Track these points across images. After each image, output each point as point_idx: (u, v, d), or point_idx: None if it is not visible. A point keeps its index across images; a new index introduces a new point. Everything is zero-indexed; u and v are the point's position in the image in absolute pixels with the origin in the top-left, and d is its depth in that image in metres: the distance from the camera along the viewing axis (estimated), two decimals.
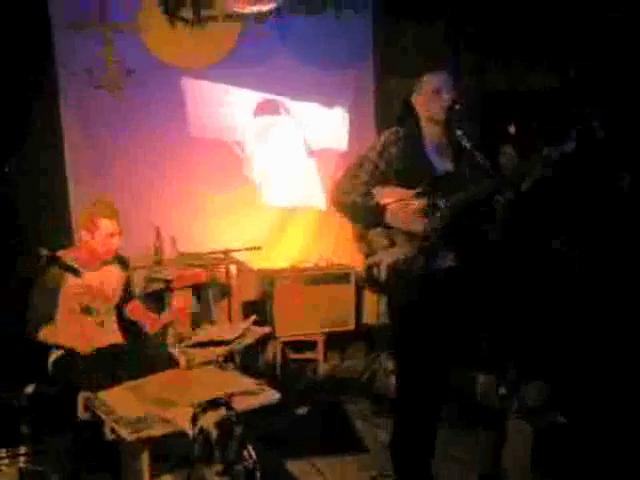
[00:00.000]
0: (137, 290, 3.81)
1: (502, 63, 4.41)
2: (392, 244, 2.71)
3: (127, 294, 3.46)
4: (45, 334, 3.08)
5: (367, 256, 2.78)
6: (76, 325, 3.14)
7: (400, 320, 2.83)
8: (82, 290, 3.16)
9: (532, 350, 3.40)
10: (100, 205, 3.27)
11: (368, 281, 2.81)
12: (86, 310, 3.21)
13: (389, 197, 2.68)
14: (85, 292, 3.18)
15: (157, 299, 4.10)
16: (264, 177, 4.99)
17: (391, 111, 4.61)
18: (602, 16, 3.82)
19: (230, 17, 4.71)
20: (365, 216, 2.76)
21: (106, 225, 3.22)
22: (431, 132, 2.78)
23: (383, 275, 2.70)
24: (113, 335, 3.30)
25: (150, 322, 3.41)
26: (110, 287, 3.33)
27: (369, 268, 2.77)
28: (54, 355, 3.13)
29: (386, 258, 2.69)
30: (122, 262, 3.45)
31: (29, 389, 3.07)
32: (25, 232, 4.11)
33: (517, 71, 4.34)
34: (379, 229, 2.72)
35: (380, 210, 2.68)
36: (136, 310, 3.48)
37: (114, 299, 3.35)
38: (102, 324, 3.27)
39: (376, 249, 2.74)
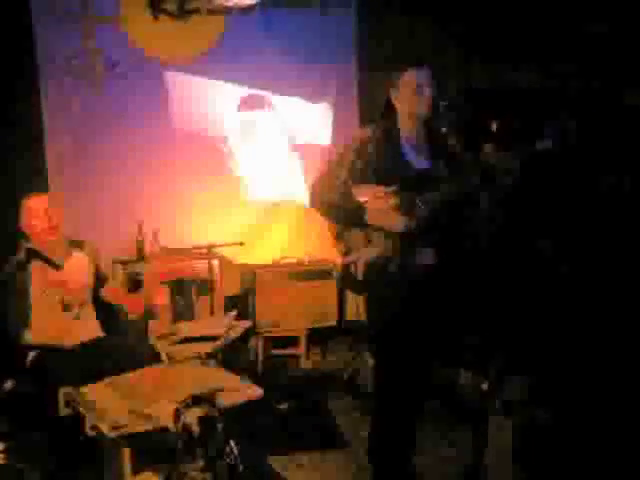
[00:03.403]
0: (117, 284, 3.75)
1: (486, 61, 4.42)
2: (369, 242, 2.69)
3: (99, 280, 3.38)
4: (27, 337, 3.04)
5: (344, 255, 2.77)
6: (56, 322, 3.10)
7: (378, 318, 2.81)
8: (51, 286, 3.11)
9: (514, 346, 3.42)
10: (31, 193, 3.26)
11: (345, 279, 2.80)
12: (63, 305, 3.15)
13: (366, 195, 2.66)
14: (55, 287, 3.12)
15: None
16: (248, 172, 4.98)
17: (375, 107, 4.61)
18: (588, 16, 3.85)
19: (214, 10, 4.69)
20: (344, 216, 2.73)
21: (34, 202, 3.19)
22: (409, 129, 2.73)
23: (360, 273, 2.68)
24: (92, 329, 3.25)
25: (130, 304, 3.37)
26: (79, 278, 3.25)
27: (346, 266, 2.75)
28: (33, 352, 3.09)
29: (363, 256, 2.68)
30: (79, 246, 3.35)
31: (8, 385, 3.04)
32: (2, 228, 4.05)
33: (501, 69, 4.35)
34: (356, 229, 2.71)
35: (359, 210, 2.65)
36: (113, 292, 3.37)
37: (85, 290, 3.28)
38: (78, 317, 3.21)
39: (353, 247, 2.73)
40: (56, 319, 3.12)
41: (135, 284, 3.35)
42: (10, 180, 4.16)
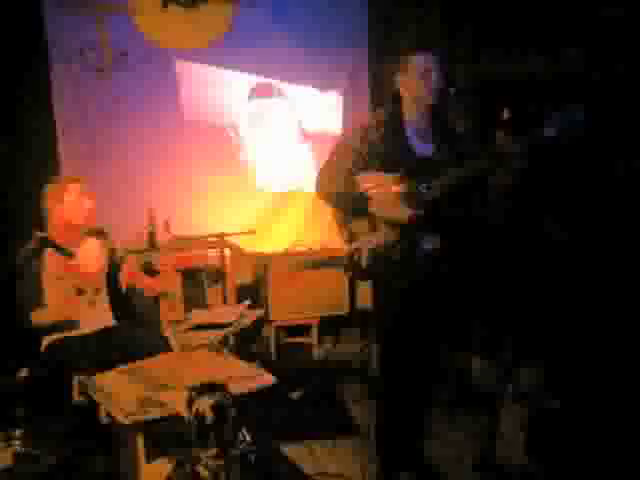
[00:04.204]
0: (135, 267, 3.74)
1: (497, 47, 4.38)
2: (374, 229, 2.67)
3: (114, 265, 3.35)
4: (36, 318, 3.00)
5: (349, 241, 2.76)
6: (70, 305, 3.08)
7: (384, 305, 2.80)
8: (66, 271, 3.10)
9: (527, 333, 3.40)
10: (59, 177, 3.21)
11: (350, 268, 2.79)
12: (76, 291, 3.11)
13: (370, 182, 2.63)
14: (69, 272, 3.08)
15: None
16: (258, 161, 4.98)
17: (386, 95, 4.60)
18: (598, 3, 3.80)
19: None
20: (349, 205, 2.71)
21: (74, 187, 3.15)
22: (413, 114, 2.70)
23: (364, 261, 2.67)
24: (105, 316, 3.26)
25: (147, 286, 3.38)
26: (94, 264, 3.19)
27: (351, 254, 2.74)
28: (47, 338, 3.11)
29: (368, 244, 2.67)
30: (101, 233, 3.30)
31: (23, 372, 3.06)
32: (15, 217, 4.07)
33: (513, 56, 4.31)
34: (362, 217, 2.69)
35: (364, 199, 2.63)
36: (131, 274, 3.36)
37: (100, 275, 3.25)
38: (93, 305, 3.21)
39: (358, 235, 2.71)
40: (70, 302, 3.10)
41: (148, 272, 3.37)
42: (25, 171, 4.19)
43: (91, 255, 3.20)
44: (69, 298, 3.04)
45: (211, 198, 4.78)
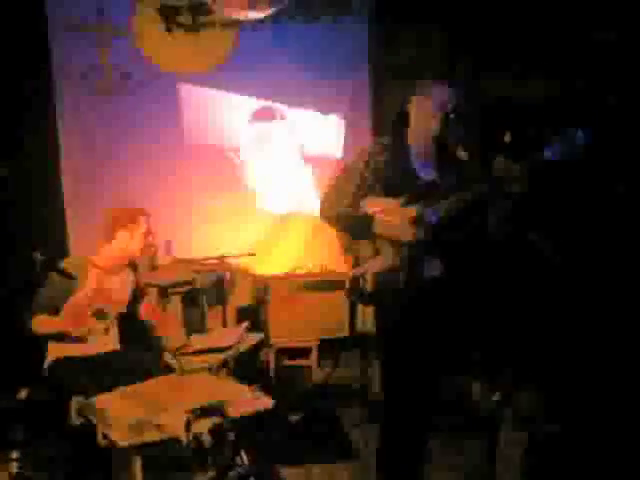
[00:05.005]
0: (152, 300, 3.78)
1: (499, 71, 4.42)
2: (377, 253, 2.67)
3: (137, 296, 3.42)
4: (38, 323, 2.99)
5: (353, 266, 2.76)
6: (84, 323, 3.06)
7: (387, 330, 2.79)
8: (95, 293, 3.08)
9: (526, 357, 3.40)
10: (131, 207, 3.23)
11: (354, 292, 2.79)
12: (98, 314, 3.10)
13: (375, 206, 2.65)
14: (99, 295, 3.09)
15: None
16: (260, 183, 5.00)
17: (387, 119, 4.63)
18: (598, 27, 3.84)
19: (227, 23, 4.73)
20: (353, 226, 2.72)
21: (146, 221, 3.20)
22: (420, 143, 2.72)
23: (369, 286, 2.67)
24: (112, 341, 3.26)
25: (162, 322, 3.42)
26: (124, 291, 3.28)
27: (354, 279, 2.74)
28: (49, 359, 3.11)
29: (371, 268, 2.66)
30: (134, 265, 3.39)
31: (22, 394, 3.06)
32: (18, 236, 4.10)
33: (514, 79, 4.35)
34: (365, 240, 2.70)
35: (367, 220, 2.64)
36: (150, 310, 3.42)
37: (125, 303, 3.30)
38: (108, 331, 3.18)
39: (361, 259, 2.72)
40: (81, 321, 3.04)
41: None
42: (27, 188, 4.22)
43: (123, 284, 3.23)
44: (82, 317, 3.02)
45: (212, 220, 4.80)
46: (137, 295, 3.43)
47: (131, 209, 3.25)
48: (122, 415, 2.42)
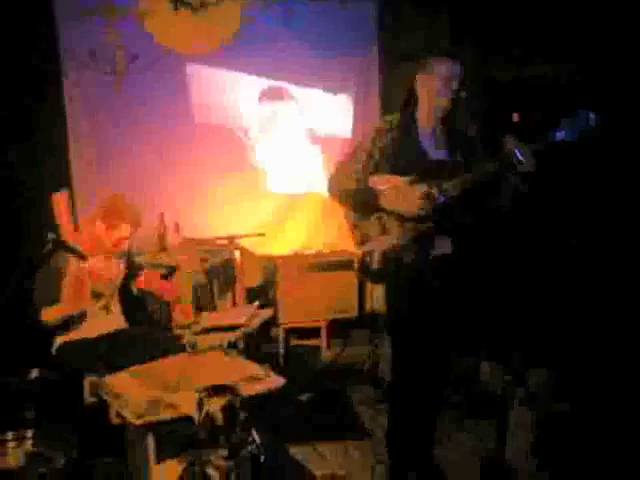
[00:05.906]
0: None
1: (507, 50, 4.39)
2: (384, 232, 2.68)
3: (131, 270, 3.42)
4: (45, 316, 3.03)
5: (360, 244, 2.76)
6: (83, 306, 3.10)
7: (395, 308, 2.80)
8: (86, 273, 3.12)
9: (536, 337, 3.40)
10: (125, 207, 3.22)
11: (361, 270, 2.79)
12: (92, 294, 3.16)
13: (383, 184, 2.64)
14: (89, 275, 3.14)
15: None
16: (268, 163, 4.99)
17: (396, 97, 4.60)
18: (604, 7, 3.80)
19: (234, 2, 4.69)
20: (361, 202, 2.71)
21: (125, 229, 3.20)
22: (428, 120, 2.70)
23: (376, 263, 2.67)
24: (119, 321, 3.30)
25: (164, 290, 3.42)
26: (112, 270, 3.29)
27: (362, 257, 2.74)
28: (59, 340, 3.13)
29: (378, 246, 2.66)
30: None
31: (34, 373, 3.08)
32: (28, 217, 4.11)
33: (522, 59, 4.32)
34: (372, 218, 2.69)
35: (375, 195, 2.63)
36: (149, 279, 3.42)
37: (117, 281, 3.32)
38: (108, 310, 3.26)
39: (369, 238, 2.71)
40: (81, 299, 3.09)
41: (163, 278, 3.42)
42: (35, 169, 4.23)
43: (110, 264, 3.24)
44: (81, 296, 3.05)
45: (221, 200, 4.80)
46: (133, 269, 3.43)
47: (131, 209, 3.24)
48: (135, 394, 2.44)
